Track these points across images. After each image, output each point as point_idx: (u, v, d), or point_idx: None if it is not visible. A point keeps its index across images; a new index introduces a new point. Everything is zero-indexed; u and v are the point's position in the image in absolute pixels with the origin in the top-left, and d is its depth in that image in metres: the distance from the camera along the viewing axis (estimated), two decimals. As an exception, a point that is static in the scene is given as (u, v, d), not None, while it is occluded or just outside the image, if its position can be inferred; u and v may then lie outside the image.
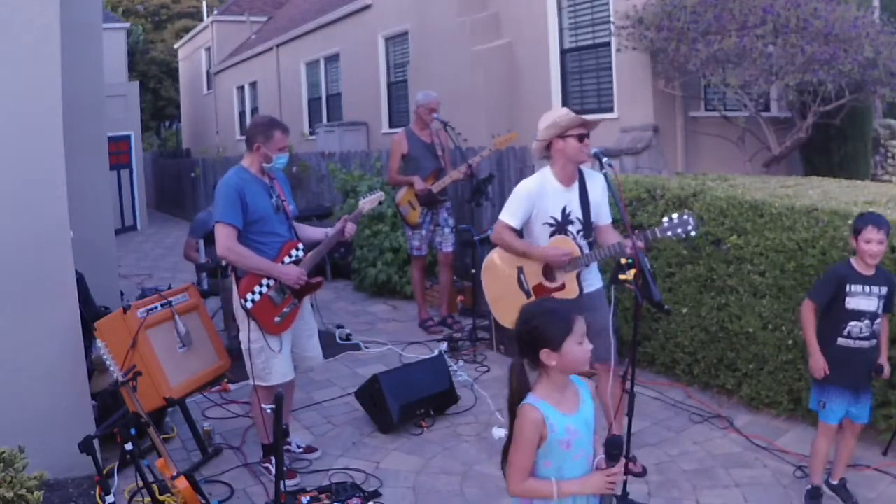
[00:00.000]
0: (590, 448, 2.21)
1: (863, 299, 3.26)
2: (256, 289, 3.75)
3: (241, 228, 3.71)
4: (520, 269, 3.83)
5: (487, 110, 9.76)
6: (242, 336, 3.80)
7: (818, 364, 3.32)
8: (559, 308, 2.21)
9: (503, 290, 3.89)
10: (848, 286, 3.28)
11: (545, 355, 2.14)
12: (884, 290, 3.27)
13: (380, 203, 4.27)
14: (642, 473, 3.78)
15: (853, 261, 3.34)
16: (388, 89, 13.30)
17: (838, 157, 8.33)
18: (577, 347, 2.13)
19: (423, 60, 11.48)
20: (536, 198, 3.73)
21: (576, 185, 3.77)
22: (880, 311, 3.28)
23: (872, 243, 3.23)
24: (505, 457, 2.20)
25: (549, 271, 3.78)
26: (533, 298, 3.78)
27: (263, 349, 3.78)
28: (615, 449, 2.17)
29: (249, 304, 3.74)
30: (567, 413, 2.17)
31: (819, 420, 3.44)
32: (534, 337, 2.16)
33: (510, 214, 3.78)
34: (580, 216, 3.74)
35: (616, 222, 4.11)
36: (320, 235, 4.02)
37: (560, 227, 3.74)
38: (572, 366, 2.15)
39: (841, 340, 3.29)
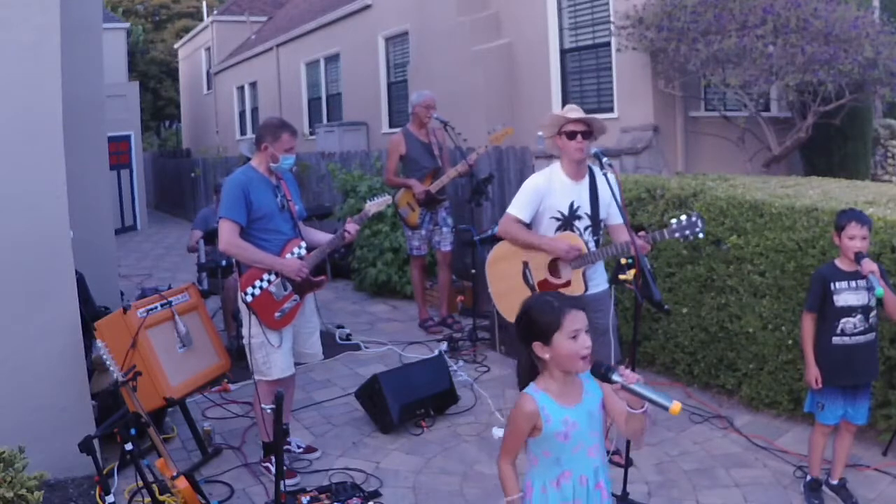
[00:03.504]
0: (593, 440, 2.19)
1: (850, 295, 3.27)
2: (257, 283, 3.79)
3: (244, 225, 3.77)
4: (525, 264, 3.83)
5: (487, 110, 9.76)
6: (244, 330, 3.86)
7: (811, 375, 3.35)
8: (552, 302, 2.17)
9: (508, 284, 3.89)
10: (832, 285, 3.29)
11: (538, 348, 2.15)
12: (870, 283, 3.26)
13: (387, 206, 4.31)
14: (626, 465, 3.73)
15: (837, 260, 3.36)
16: (388, 89, 13.31)
17: (838, 157, 8.34)
18: (568, 342, 2.09)
19: (423, 60, 11.49)
20: (544, 192, 3.74)
21: (585, 181, 3.78)
22: (873, 304, 3.27)
23: (856, 239, 3.24)
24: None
25: (554, 267, 3.79)
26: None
27: (263, 344, 3.81)
28: (599, 368, 2.09)
29: (249, 298, 3.78)
30: (566, 405, 2.15)
31: (815, 420, 3.45)
32: (527, 329, 2.17)
33: (518, 207, 3.78)
34: (588, 212, 3.75)
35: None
36: (326, 239, 4.04)
37: (567, 222, 3.74)
38: (564, 361, 2.12)
39: (836, 339, 3.29)
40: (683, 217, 3.49)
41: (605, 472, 2.23)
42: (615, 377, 2.03)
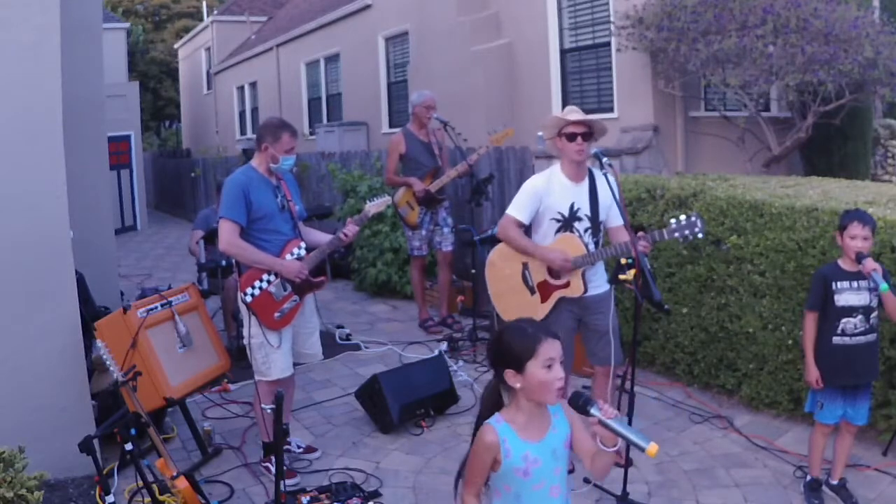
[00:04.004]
0: (556, 479, 2.09)
1: (851, 295, 3.27)
2: (256, 283, 3.80)
3: (244, 225, 3.78)
4: (525, 266, 3.83)
5: (487, 110, 9.76)
6: (244, 330, 3.87)
7: (811, 375, 3.35)
8: (528, 328, 2.08)
9: (507, 285, 3.89)
10: (833, 284, 3.30)
11: (510, 376, 2.04)
12: (873, 283, 3.27)
13: (387, 206, 4.30)
14: (626, 465, 3.73)
15: (840, 260, 3.37)
16: (388, 89, 13.30)
17: (838, 157, 8.33)
18: (542, 371, 2.00)
19: (423, 60, 11.48)
20: (544, 193, 3.74)
21: (585, 182, 3.77)
22: (875, 305, 3.27)
23: (857, 239, 3.24)
24: (463, 466, 2.16)
25: (554, 268, 3.79)
26: (537, 294, 3.78)
27: (263, 344, 3.82)
28: (578, 399, 2.03)
29: (249, 298, 3.78)
30: (528, 440, 2.06)
31: (815, 420, 3.46)
32: (500, 355, 2.07)
33: (517, 209, 3.78)
34: (588, 213, 3.75)
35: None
36: (326, 240, 4.04)
37: (567, 223, 3.74)
38: (536, 391, 2.02)
39: (836, 339, 3.29)
40: (683, 217, 3.48)
41: None
42: (593, 411, 1.97)
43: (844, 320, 3.28)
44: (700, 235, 3.47)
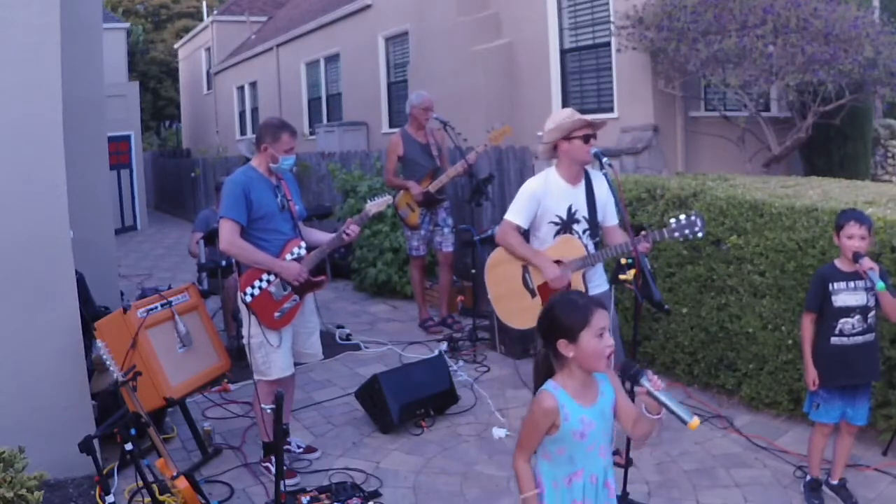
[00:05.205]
0: (605, 440, 2.21)
1: (849, 295, 3.27)
2: (256, 283, 3.80)
3: (245, 225, 3.78)
4: (524, 268, 3.83)
5: (487, 110, 9.76)
6: (244, 330, 3.87)
7: (810, 376, 3.35)
8: (579, 300, 2.19)
9: (507, 288, 3.88)
10: (830, 285, 3.30)
11: (563, 346, 2.14)
12: (869, 282, 3.27)
13: (389, 206, 4.30)
14: (626, 465, 3.74)
15: (837, 261, 3.37)
16: (388, 89, 13.30)
17: (838, 157, 8.34)
18: (595, 340, 2.10)
19: (423, 60, 11.48)
20: (541, 197, 3.73)
21: (582, 184, 3.77)
22: (872, 304, 3.27)
23: (854, 238, 3.24)
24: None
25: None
26: (538, 297, 3.78)
27: (263, 344, 3.82)
28: (629, 370, 2.13)
29: (248, 298, 3.78)
30: (583, 404, 2.16)
31: (812, 420, 3.46)
32: (552, 326, 2.17)
33: (515, 213, 3.78)
34: (586, 215, 3.74)
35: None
36: (326, 239, 4.04)
37: (565, 225, 3.74)
38: (589, 359, 2.13)
39: (834, 339, 3.30)
40: (683, 216, 3.48)
41: (612, 472, 2.26)
42: (644, 381, 2.06)
43: (842, 321, 3.28)
44: (700, 234, 3.47)
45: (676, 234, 3.48)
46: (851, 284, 3.27)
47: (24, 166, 3.71)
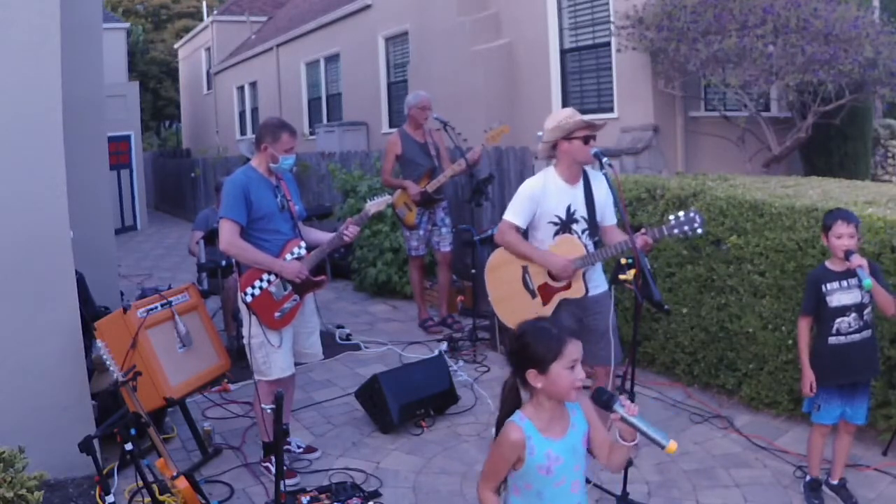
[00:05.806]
0: (576, 475, 2.12)
1: (843, 294, 3.28)
2: (256, 283, 3.80)
3: (245, 225, 3.78)
4: (525, 269, 3.82)
5: (487, 110, 9.76)
6: (244, 330, 3.87)
7: (806, 381, 3.36)
8: (552, 329, 2.10)
9: (507, 289, 3.88)
10: (824, 286, 3.31)
11: (532, 376, 2.06)
12: (858, 280, 3.26)
13: (388, 206, 4.30)
14: (626, 465, 3.73)
15: (828, 262, 3.38)
16: (388, 89, 13.30)
17: (838, 157, 8.33)
18: (565, 372, 2.02)
19: (423, 60, 11.48)
20: (540, 197, 3.73)
21: (580, 183, 3.77)
22: (867, 301, 3.27)
23: (844, 238, 3.25)
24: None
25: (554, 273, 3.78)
26: (538, 298, 3.78)
27: (263, 344, 3.82)
28: (602, 396, 2.07)
29: (249, 298, 3.78)
30: (551, 438, 2.08)
31: (812, 421, 3.46)
32: (523, 355, 2.08)
33: (514, 213, 3.77)
34: (585, 215, 3.74)
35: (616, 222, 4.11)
36: (326, 239, 4.04)
37: (565, 225, 3.73)
38: (558, 391, 2.05)
39: (832, 339, 3.30)
40: (681, 213, 3.48)
41: None
42: (617, 407, 2.01)
43: (839, 320, 3.28)
44: (700, 231, 3.46)
45: (676, 230, 3.47)
46: (844, 283, 3.28)
47: (25, 166, 3.71)
